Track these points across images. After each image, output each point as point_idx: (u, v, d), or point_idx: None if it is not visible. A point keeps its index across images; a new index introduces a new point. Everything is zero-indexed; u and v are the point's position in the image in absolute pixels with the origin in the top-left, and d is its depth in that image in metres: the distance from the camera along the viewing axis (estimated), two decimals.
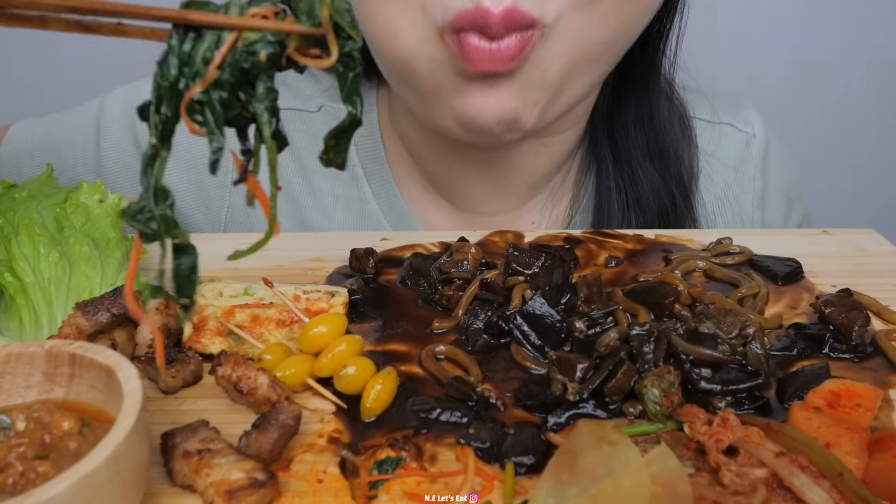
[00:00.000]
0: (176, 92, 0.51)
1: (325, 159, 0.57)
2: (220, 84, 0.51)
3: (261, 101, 0.53)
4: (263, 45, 0.51)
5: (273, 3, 0.52)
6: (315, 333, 0.65)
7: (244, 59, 0.51)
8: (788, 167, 1.16)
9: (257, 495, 0.50)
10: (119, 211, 0.64)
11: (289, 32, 0.51)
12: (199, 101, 0.51)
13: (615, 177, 1.01)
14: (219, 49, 0.51)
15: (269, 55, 0.51)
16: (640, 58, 0.96)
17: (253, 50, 0.51)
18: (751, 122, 1.11)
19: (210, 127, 0.51)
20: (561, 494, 0.48)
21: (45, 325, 0.69)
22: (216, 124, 0.51)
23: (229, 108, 0.52)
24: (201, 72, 0.51)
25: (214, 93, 0.51)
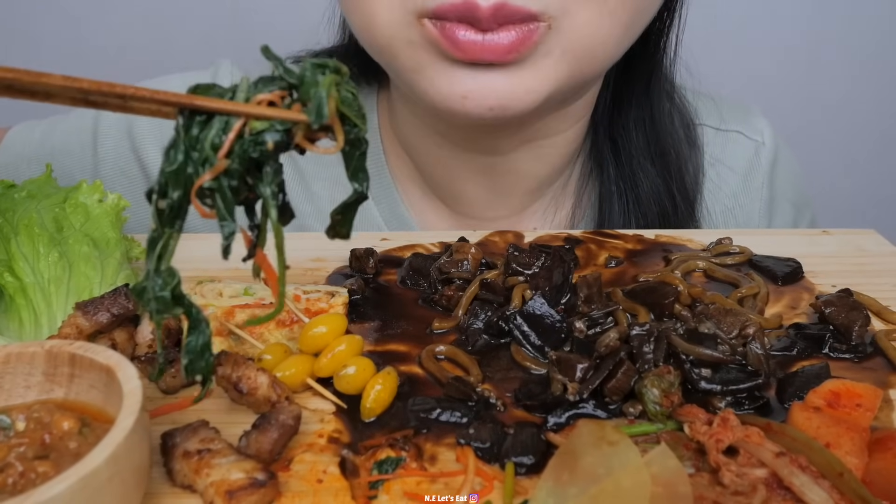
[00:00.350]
0: (184, 177, 0.52)
1: (331, 233, 0.58)
2: (230, 172, 0.51)
3: (268, 184, 0.53)
4: (271, 134, 0.51)
5: (280, 88, 0.53)
6: (315, 333, 0.65)
7: (252, 149, 0.51)
8: (797, 175, 1.16)
9: (257, 495, 0.50)
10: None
11: (296, 122, 0.52)
12: (209, 188, 0.51)
13: (616, 179, 1.01)
14: (227, 135, 0.51)
15: (276, 143, 0.52)
16: (640, 56, 0.96)
17: (261, 140, 0.51)
18: (760, 130, 1.11)
19: (221, 213, 0.52)
20: (561, 494, 0.48)
21: (45, 325, 0.69)
22: (227, 210, 0.52)
23: (237, 193, 0.52)
24: (210, 158, 0.51)
25: (224, 180, 0.51)
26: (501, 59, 0.76)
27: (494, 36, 0.75)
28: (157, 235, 0.53)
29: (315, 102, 0.51)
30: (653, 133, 1.01)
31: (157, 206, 0.53)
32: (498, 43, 0.75)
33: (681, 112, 1.05)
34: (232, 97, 0.52)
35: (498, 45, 0.75)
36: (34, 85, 0.49)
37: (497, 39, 0.75)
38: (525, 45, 0.76)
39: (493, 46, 0.75)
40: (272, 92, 0.52)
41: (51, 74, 0.49)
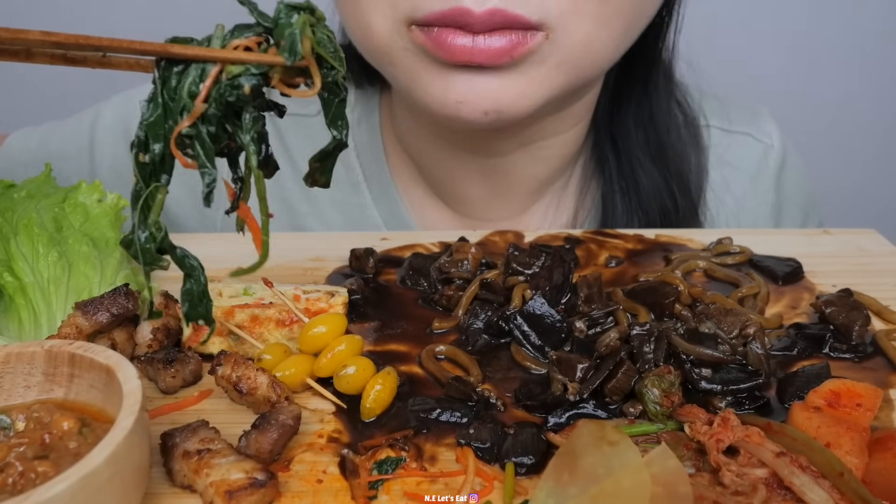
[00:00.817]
0: (163, 127, 0.52)
1: (309, 181, 0.59)
2: (208, 118, 0.51)
3: (247, 131, 0.53)
4: (247, 78, 0.51)
5: (256, 34, 0.53)
6: (315, 333, 0.65)
7: (229, 93, 0.51)
8: (805, 179, 1.15)
9: (257, 495, 0.50)
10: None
11: (271, 65, 0.52)
12: (188, 136, 0.51)
13: (618, 178, 1.01)
14: (203, 82, 0.51)
15: (252, 87, 0.52)
16: (639, 54, 0.96)
17: (237, 84, 0.51)
18: (769, 133, 1.10)
19: (201, 160, 0.52)
20: (561, 495, 0.48)
21: (45, 325, 0.69)
22: (207, 157, 0.52)
23: (217, 141, 0.53)
24: (188, 106, 0.51)
25: (203, 127, 0.51)
26: (492, 62, 0.76)
27: (486, 39, 0.75)
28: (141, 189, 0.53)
29: (288, 41, 0.51)
30: (652, 130, 1.01)
31: (137, 159, 0.53)
32: (489, 46, 0.75)
33: (683, 110, 1.05)
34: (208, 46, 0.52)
35: (489, 48, 0.75)
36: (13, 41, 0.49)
37: (488, 43, 0.75)
38: (518, 50, 0.76)
39: (484, 49, 0.75)
40: (248, 38, 0.52)
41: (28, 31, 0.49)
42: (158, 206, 0.54)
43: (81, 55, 0.51)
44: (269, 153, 0.55)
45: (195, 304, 0.57)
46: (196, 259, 0.57)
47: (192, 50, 0.51)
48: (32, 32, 0.49)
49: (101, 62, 0.52)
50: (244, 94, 0.51)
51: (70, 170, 1.06)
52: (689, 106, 1.05)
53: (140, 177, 0.53)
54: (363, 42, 0.85)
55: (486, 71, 0.78)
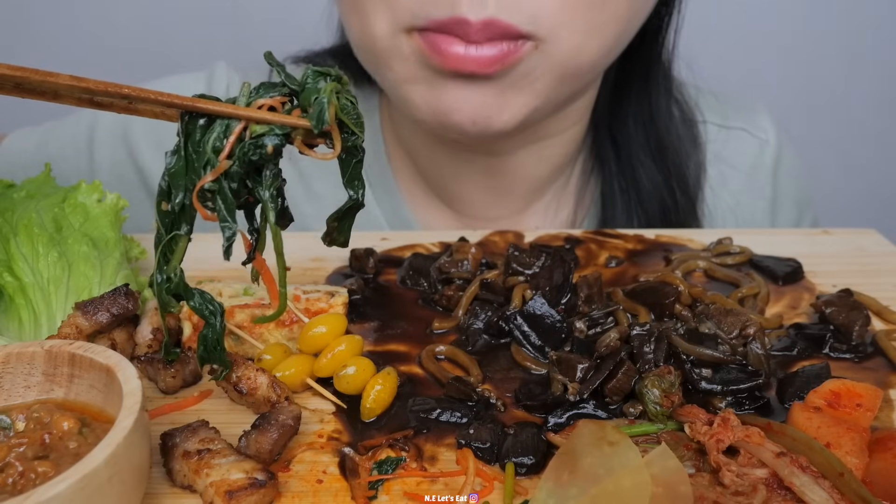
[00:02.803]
0: (185, 180, 0.53)
1: (328, 240, 0.60)
2: (230, 175, 0.53)
3: (267, 187, 0.54)
4: (271, 138, 0.53)
5: (281, 94, 0.54)
6: (315, 333, 0.65)
7: (252, 152, 0.52)
8: (800, 174, 1.15)
9: (257, 495, 0.50)
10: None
11: (295, 127, 0.53)
12: (210, 190, 0.53)
13: (618, 176, 1.01)
14: (228, 138, 0.52)
15: (275, 147, 0.53)
16: (639, 53, 0.96)
17: (261, 143, 0.52)
18: (765, 128, 1.11)
19: (222, 214, 0.53)
20: (561, 495, 0.48)
21: (45, 325, 0.69)
22: (228, 212, 0.53)
23: (238, 196, 0.54)
24: (212, 161, 0.52)
25: (225, 182, 0.53)
26: (484, 71, 0.77)
27: (479, 48, 0.76)
28: (162, 235, 0.54)
29: (316, 108, 0.52)
30: (652, 128, 1.01)
31: (160, 207, 0.54)
32: (482, 55, 0.76)
33: (681, 108, 1.05)
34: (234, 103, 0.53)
35: (481, 56, 0.76)
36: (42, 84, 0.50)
37: (481, 52, 0.76)
38: (509, 59, 0.77)
39: (476, 58, 0.76)
40: (273, 97, 0.53)
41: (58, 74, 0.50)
42: (179, 254, 0.55)
43: (108, 101, 0.52)
44: (284, 205, 0.56)
45: (210, 349, 0.58)
46: (217, 305, 0.58)
47: (219, 106, 0.53)
48: (62, 77, 0.50)
49: (126, 108, 0.54)
50: (267, 153, 0.53)
51: (69, 170, 1.06)
52: (687, 104, 1.06)
53: (161, 224, 0.55)
54: (362, 45, 0.86)
55: (476, 81, 0.79)
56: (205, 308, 0.57)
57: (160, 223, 0.55)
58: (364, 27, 0.83)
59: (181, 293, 0.56)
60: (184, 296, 0.56)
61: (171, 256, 0.55)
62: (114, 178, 1.05)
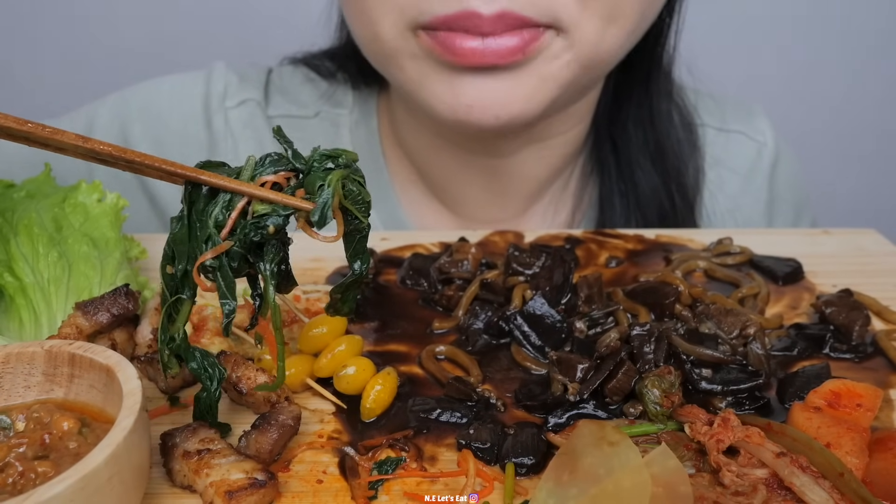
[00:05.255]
0: (187, 246, 0.53)
1: (331, 311, 0.59)
2: (231, 254, 0.52)
3: (268, 262, 0.53)
4: (273, 219, 0.52)
5: (286, 169, 0.53)
6: (315, 333, 0.65)
7: (254, 233, 0.52)
8: (798, 177, 1.15)
9: (257, 495, 0.50)
10: None
11: (298, 209, 0.52)
12: (212, 266, 0.53)
13: (617, 179, 1.01)
14: (230, 212, 0.52)
15: (277, 227, 0.52)
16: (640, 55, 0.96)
17: (263, 224, 0.52)
18: (762, 131, 1.11)
19: (222, 291, 0.53)
20: (561, 495, 0.48)
21: (45, 325, 0.69)
22: (228, 289, 0.53)
23: (239, 273, 0.54)
24: (213, 236, 0.52)
25: (225, 260, 0.53)
26: (505, 61, 0.75)
27: (497, 40, 0.75)
28: (165, 299, 0.55)
29: (320, 204, 0.52)
30: (651, 132, 1.01)
31: (164, 270, 0.54)
32: (501, 46, 0.75)
33: (681, 111, 1.05)
34: (237, 176, 0.53)
35: (501, 48, 0.75)
36: (47, 139, 0.50)
37: (500, 43, 0.75)
38: (531, 46, 0.76)
39: (496, 50, 0.75)
40: (278, 172, 0.53)
41: (65, 132, 0.50)
42: (183, 316, 0.55)
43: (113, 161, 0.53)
44: (287, 271, 0.56)
45: (203, 412, 0.58)
46: (216, 370, 0.57)
47: (223, 180, 0.52)
48: (69, 135, 0.50)
49: (130, 168, 0.54)
50: (269, 233, 0.52)
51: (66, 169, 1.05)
52: (686, 108, 1.06)
53: (166, 287, 0.55)
54: (370, 47, 0.85)
55: (495, 73, 0.77)
56: (203, 371, 0.57)
57: (165, 285, 0.55)
58: (370, 29, 0.82)
59: (182, 354, 0.56)
60: (184, 357, 0.56)
61: (175, 317, 0.55)
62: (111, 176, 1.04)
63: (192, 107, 1.03)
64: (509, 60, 0.75)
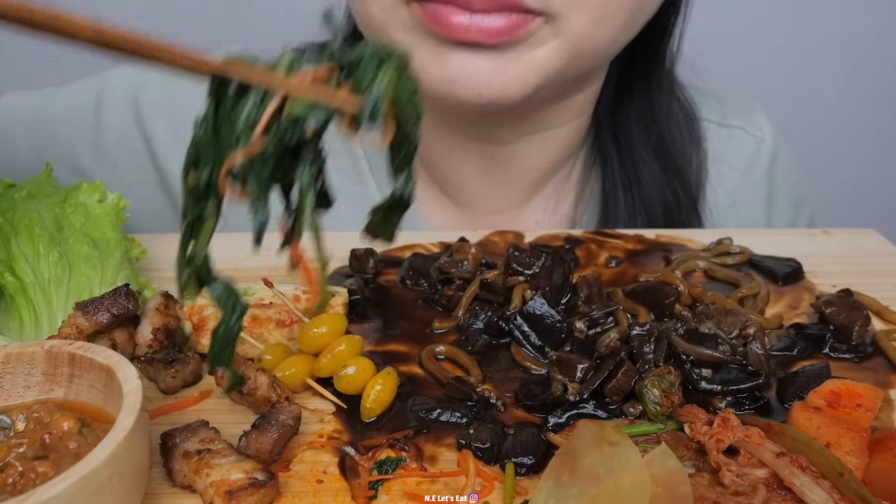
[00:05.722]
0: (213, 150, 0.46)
1: (371, 233, 0.54)
2: (264, 157, 0.45)
3: (306, 166, 0.47)
4: (313, 117, 0.45)
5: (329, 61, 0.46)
6: (315, 333, 0.65)
7: (290, 134, 0.45)
8: (796, 172, 1.16)
9: (257, 495, 0.50)
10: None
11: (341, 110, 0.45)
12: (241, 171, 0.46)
13: (620, 175, 1.01)
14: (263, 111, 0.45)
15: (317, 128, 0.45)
16: (643, 52, 0.96)
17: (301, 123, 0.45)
18: (761, 126, 1.11)
19: (254, 197, 0.46)
20: (561, 495, 0.48)
21: (45, 325, 0.69)
22: (261, 193, 0.46)
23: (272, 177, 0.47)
24: (244, 136, 0.45)
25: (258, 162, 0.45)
26: (490, 41, 0.76)
27: (485, 18, 0.75)
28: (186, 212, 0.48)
29: (371, 100, 0.45)
30: (654, 127, 1.01)
31: (186, 179, 0.48)
32: (488, 25, 0.75)
33: (683, 107, 1.05)
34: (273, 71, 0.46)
35: (488, 27, 0.75)
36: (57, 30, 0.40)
37: (487, 22, 0.75)
38: (517, 31, 0.76)
39: (483, 28, 0.75)
40: (319, 67, 0.46)
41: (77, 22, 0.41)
42: (206, 234, 0.48)
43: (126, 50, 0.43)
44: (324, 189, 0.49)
45: (218, 350, 0.51)
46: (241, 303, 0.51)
47: (256, 74, 0.45)
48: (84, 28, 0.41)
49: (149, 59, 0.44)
50: (307, 135, 0.45)
51: (72, 133, 1.03)
52: (689, 103, 1.06)
53: (187, 198, 0.48)
54: (362, 16, 0.85)
55: (482, 51, 0.78)
56: (226, 301, 0.50)
57: (185, 197, 0.48)
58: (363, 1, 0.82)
59: (204, 278, 0.49)
60: (206, 282, 0.49)
61: (195, 236, 0.48)
62: (119, 143, 1.02)
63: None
64: (495, 40, 0.76)
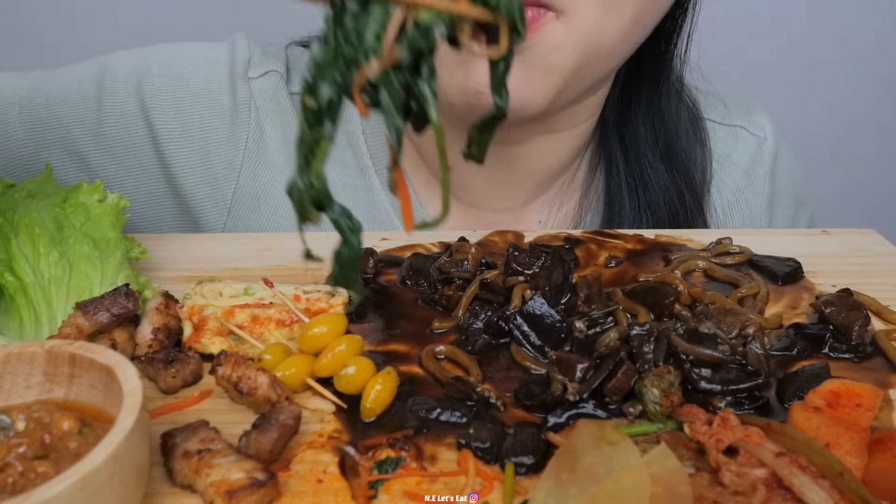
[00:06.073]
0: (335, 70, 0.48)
1: (466, 153, 0.56)
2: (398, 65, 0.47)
3: (426, 81, 0.49)
4: (438, 26, 0.47)
5: None
6: (315, 333, 0.65)
7: (420, 41, 0.47)
8: (797, 171, 1.17)
9: (257, 495, 0.50)
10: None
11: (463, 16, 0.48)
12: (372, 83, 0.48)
13: (626, 177, 1.02)
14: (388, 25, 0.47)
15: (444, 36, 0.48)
16: (651, 55, 0.97)
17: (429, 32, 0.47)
18: (762, 126, 1.12)
19: (387, 107, 0.49)
20: (561, 495, 0.48)
21: (45, 325, 0.69)
22: (394, 105, 0.49)
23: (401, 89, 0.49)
24: (376, 49, 0.47)
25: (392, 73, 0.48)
26: None
27: None
28: (304, 134, 0.50)
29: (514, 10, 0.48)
30: (661, 131, 1.01)
31: (304, 103, 0.50)
32: None
33: (689, 110, 1.05)
34: None
35: None
36: None
37: None
38: (534, 24, 0.77)
39: None
40: None
41: None
42: (322, 157, 0.51)
43: None
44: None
45: (344, 269, 0.54)
46: (356, 222, 0.53)
47: None
48: None
49: None
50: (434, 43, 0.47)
51: (71, 115, 1.00)
52: (695, 106, 1.06)
53: (305, 121, 0.50)
54: None
55: None
56: (344, 222, 0.53)
57: (303, 121, 0.50)
58: None
59: (322, 201, 0.52)
60: (325, 204, 0.52)
61: (312, 159, 0.51)
62: (120, 128, 1.00)
63: (215, 71, 1.00)
64: None
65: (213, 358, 0.63)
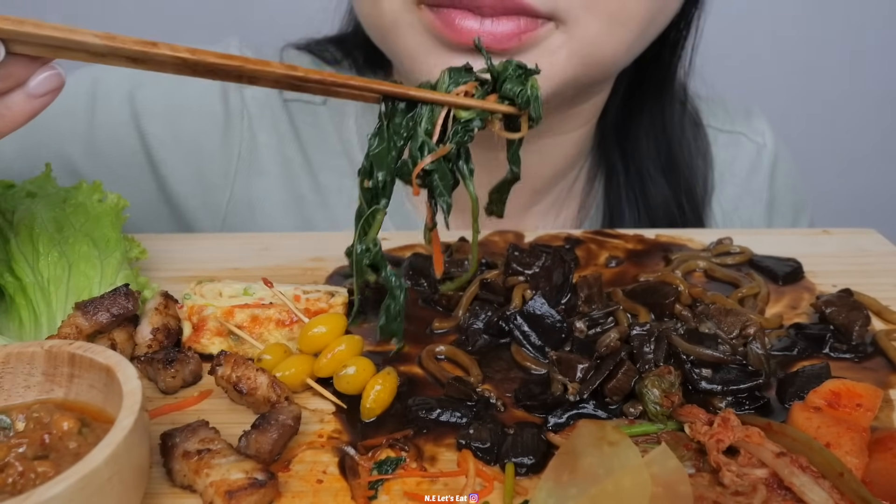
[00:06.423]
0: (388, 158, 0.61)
1: (488, 209, 0.70)
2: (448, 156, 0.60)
3: (465, 161, 0.62)
4: (476, 122, 0.60)
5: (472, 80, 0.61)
6: (315, 333, 0.65)
7: (464, 135, 0.60)
8: (796, 177, 1.16)
9: (257, 495, 0.50)
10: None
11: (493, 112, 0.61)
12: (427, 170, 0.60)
13: (626, 188, 1.01)
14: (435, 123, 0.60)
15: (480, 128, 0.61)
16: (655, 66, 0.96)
17: (470, 127, 0.61)
18: (762, 132, 1.11)
19: (441, 191, 0.61)
20: (561, 495, 0.48)
21: (45, 325, 0.69)
22: (445, 188, 0.61)
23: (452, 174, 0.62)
24: (427, 144, 0.60)
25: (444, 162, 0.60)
26: (499, 46, 0.76)
27: (495, 23, 0.75)
28: (363, 210, 0.62)
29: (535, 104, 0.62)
30: (664, 144, 1.01)
31: (362, 185, 0.62)
32: (497, 30, 0.75)
33: (692, 120, 1.05)
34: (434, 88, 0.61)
35: (497, 31, 0.75)
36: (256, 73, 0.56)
37: (496, 27, 0.75)
38: (526, 35, 0.76)
39: (491, 32, 0.75)
40: (468, 83, 0.61)
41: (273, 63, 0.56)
42: (377, 226, 0.63)
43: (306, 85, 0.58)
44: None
45: (390, 320, 0.66)
46: (402, 281, 0.66)
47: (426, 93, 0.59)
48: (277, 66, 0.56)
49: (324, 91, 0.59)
50: (474, 135, 0.60)
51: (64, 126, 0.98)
52: (698, 117, 1.06)
53: (363, 199, 0.62)
54: (371, 18, 0.85)
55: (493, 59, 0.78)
56: (394, 280, 0.65)
57: (362, 199, 0.62)
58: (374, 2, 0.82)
59: (378, 264, 0.64)
60: (379, 266, 0.64)
61: (369, 229, 0.62)
62: (112, 139, 0.99)
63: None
64: (504, 46, 0.76)
65: (213, 358, 0.63)
